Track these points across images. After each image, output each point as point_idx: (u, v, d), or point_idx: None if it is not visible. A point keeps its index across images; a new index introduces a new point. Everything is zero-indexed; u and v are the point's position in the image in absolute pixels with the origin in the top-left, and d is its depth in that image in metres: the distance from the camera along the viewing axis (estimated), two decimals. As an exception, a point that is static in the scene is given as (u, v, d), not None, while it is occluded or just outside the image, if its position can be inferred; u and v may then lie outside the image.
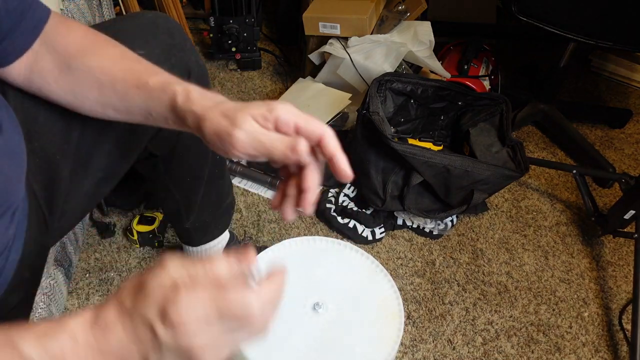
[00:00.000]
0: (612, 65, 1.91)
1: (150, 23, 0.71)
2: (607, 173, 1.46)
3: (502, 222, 1.37)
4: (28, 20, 0.55)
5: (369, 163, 1.25)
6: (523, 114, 1.62)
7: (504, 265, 1.26)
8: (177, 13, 1.64)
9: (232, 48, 1.70)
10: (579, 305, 1.20)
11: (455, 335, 1.11)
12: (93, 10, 1.23)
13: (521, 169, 1.22)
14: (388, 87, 1.33)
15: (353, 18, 1.45)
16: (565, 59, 1.55)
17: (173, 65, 0.69)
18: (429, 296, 1.17)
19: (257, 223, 1.28)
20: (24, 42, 0.56)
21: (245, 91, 1.71)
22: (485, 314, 1.15)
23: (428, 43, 1.50)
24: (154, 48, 0.68)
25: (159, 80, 0.54)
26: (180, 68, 0.71)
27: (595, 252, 1.32)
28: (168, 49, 0.70)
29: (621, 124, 1.73)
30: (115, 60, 0.58)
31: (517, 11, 1.32)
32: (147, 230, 1.15)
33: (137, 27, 0.69)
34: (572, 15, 1.31)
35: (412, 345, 1.08)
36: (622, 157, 1.62)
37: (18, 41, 0.56)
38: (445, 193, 1.23)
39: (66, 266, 1.05)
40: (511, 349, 1.10)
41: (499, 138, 1.31)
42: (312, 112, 1.46)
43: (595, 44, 1.34)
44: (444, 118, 1.43)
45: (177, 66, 0.70)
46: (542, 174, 1.52)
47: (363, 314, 0.75)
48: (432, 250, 1.27)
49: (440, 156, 1.16)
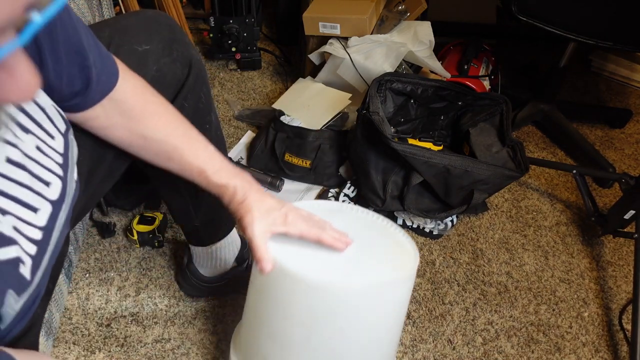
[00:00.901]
0: (612, 65, 1.91)
1: (152, 19, 0.75)
2: (607, 173, 1.46)
3: (502, 222, 1.37)
4: (103, 81, 0.60)
5: (369, 163, 1.25)
6: (523, 114, 1.62)
7: (504, 265, 1.26)
8: (177, 13, 1.64)
9: (232, 48, 1.70)
10: (579, 305, 1.20)
11: (455, 335, 1.11)
12: (93, 10, 1.23)
13: (521, 169, 1.22)
14: (388, 87, 1.33)
15: (353, 18, 1.45)
16: (565, 59, 1.55)
17: (175, 58, 0.74)
18: (429, 296, 1.17)
19: (257, 223, 1.28)
20: (98, 98, 0.61)
21: (245, 91, 1.71)
22: (485, 314, 1.15)
23: (428, 43, 1.50)
24: (158, 43, 0.73)
25: (220, 179, 0.71)
26: (182, 61, 0.75)
27: (595, 252, 1.32)
28: (170, 43, 0.74)
29: (621, 124, 1.73)
30: (177, 134, 0.70)
31: (517, 11, 1.32)
32: (147, 230, 1.15)
33: (140, 24, 0.73)
34: (572, 15, 1.31)
35: (412, 345, 1.08)
36: (622, 157, 1.62)
37: (91, 97, 0.60)
38: (445, 193, 1.23)
39: (66, 266, 1.05)
40: (511, 349, 1.10)
41: (499, 138, 1.31)
42: (312, 112, 1.46)
43: (595, 44, 1.34)
44: (444, 118, 1.43)
45: (178, 59, 0.75)
46: (542, 174, 1.52)
47: (378, 248, 0.76)
48: (432, 250, 1.27)
49: (440, 156, 1.16)
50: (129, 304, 1.08)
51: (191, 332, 1.05)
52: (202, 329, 1.05)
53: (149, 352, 1.01)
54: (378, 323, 0.72)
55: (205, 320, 1.07)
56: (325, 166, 1.36)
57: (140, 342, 1.02)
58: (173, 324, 1.06)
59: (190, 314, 1.08)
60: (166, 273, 1.14)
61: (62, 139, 0.55)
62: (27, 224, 0.49)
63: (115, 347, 1.01)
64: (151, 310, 1.07)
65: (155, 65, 0.72)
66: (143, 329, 1.04)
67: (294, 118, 1.42)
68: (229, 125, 1.56)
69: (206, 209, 0.93)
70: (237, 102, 1.65)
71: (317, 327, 0.69)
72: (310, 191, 1.37)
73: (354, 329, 0.70)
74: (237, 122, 1.57)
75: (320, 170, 1.36)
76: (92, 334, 1.02)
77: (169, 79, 0.74)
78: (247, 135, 1.52)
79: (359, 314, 0.68)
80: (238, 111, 1.60)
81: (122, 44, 0.69)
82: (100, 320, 1.05)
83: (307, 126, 1.39)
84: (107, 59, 0.61)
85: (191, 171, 0.70)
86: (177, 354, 1.01)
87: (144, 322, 1.05)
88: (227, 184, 0.70)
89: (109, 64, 0.61)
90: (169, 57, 0.73)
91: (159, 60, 0.73)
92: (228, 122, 1.57)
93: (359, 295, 0.66)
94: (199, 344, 1.03)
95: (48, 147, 0.52)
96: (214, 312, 1.08)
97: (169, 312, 1.07)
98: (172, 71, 0.74)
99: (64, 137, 0.55)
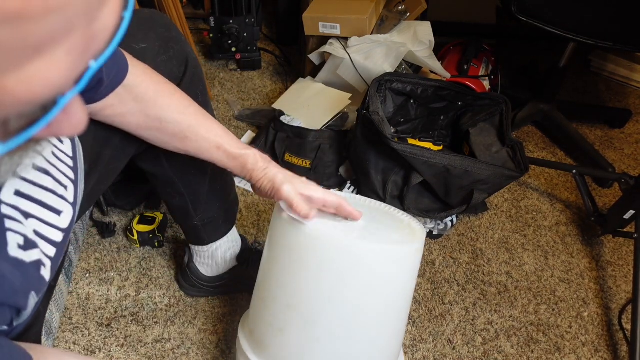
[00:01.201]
0: (612, 65, 1.91)
1: (148, 18, 0.76)
2: (607, 173, 1.46)
3: (502, 222, 1.37)
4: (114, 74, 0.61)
5: (369, 163, 1.25)
6: (523, 114, 1.62)
7: (504, 265, 1.26)
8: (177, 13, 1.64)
9: (232, 48, 1.70)
10: (578, 305, 1.20)
11: (455, 335, 1.11)
12: (93, 10, 1.23)
13: (521, 169, 1.22)
14: (388, 87, 1.33)
15: (353, 18, 1.45)
16: (565, 59, 1.55)
17: (171, 56, 0.75)
18: (429, 296, 1.17)
19: (257, 223, 1.29)
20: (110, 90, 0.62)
21: (245, 91, 1.71)
22: (485, 313, 1.15)
23: (428, 43, 1.50)
24: (154, 41, 0.74)
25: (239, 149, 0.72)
26: (179, 59, 0.76)
27: (595, 252, 1.32)
28: (166, 41, 0.75)
29: (621, 124, 1.73)
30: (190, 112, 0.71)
31: (517, 11, 1.32)
32: (147, 230, 1.15)
33: (137, 23, 0.74)
34: (572, 15, 1.31)
35: (412, 345, 1.08)
36: (622, 157, 1.62)
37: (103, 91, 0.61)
38: (445, 193, 1.23)
39: (66, 266, 1.05)
40: (511, 348, 1.10)
41: (499, 138, 1.31)
42: (312, 112, 1.46)
43: (595, 44, 1.34)
44: (444, 118, 1.43)
45: (175, 57, 0.76)
46: (542, 174, 1.52)
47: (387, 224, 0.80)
48: (432, 250, 1.27)
49: (440, 156, 1.16)
50: (129, 303, 1.08)
51: (191, 332, 1.05)
52: (202, 329, 1.06)
53: (149, 352, 1.01)
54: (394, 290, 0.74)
55: (205, 320, 1.07)
56: (325, 166, 1.36)
57: (141, 342, 1.02)
58: (173, 323, 1.06)
59: (190, 314, 1.08)
60: (166, 273, 1.14)
61: (70, 142, 0.56)
62: (52, 227, 0.51)
63: (116, 347, 1.01)
64: (151, 310, 1.07)
65: (152, 63, 0.72)
66: (143, 329, 1.04)
67: (294, 118, 1.42)
68: (229, 125, 1.56)
69: (206, 208, 0.94)
70: (237, 102, 1.65)
71: (337, 291, 0.71)
72: (310, 191, 1.37)
73: (371, 293, 0.72)
74: (237, 122, 1.57)
75: (320, 170, 1.36)
76: (92, 333, 1.02)
77: (166, 77, 0.75)
78: (247, 135, 1.52)
79: (377, 277, 0.71)
80: (238, 111, 1.60)
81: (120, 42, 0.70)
82: (100, 320, 1.05)
83: (307, 126, 1.39)
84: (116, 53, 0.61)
85: (209, 147, 0.71)
86: (177, 354, 1.01)
87: (144, 322, 1.05)
88: (247, 153, 0.72)
89: (118, 58, 0.62)
90: (165, 55, 0.74)
91: (155, 58, 0.73)
92: (228, 122, 1.57)
93: (377, 256, 0.69)
94: (199, 344, 1.03)
95: (60, 152, 0.54)
96: (214, 312, 1.08)
97: (169, 312, 1.07)
98: (168, 69, 0.75)
99: (71, 141, 0.56)
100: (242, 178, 0.76)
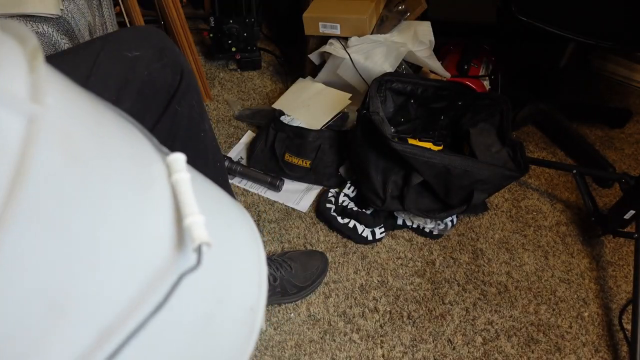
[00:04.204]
0: (612, 65, 1.91)
1: (144, 31, 0.77)
2: (607, 173, 1.46)
3: (502, 222, 1.37)
4: None
5: (369, 163, 1.25)
6: (523, 114, 1.63)
7: (504, 265, 1.26)
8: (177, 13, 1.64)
9: (232, 48, 1.70)
10: (579, 305, 1.20)
11: (455, 335, 1.11)
12: (93, 10, 1.23)
13: (521, 169, 1.22)
14: (388, 87, 1.33)
15: (353, 18, 1.45)
16: (565, 59, 1.55)
17: (165, 64, 0.74)
18: (429, 296, 1.17)
19: (257, 223, 1.28)
20: None
21: (245, 91, 1.71)
22: (485, 314, 1.15)
23: (428, 43, 1.50)
24: (148, 49, 0.73)
25: None
26: (173, 67, 0.76)
27: (595, 252, 1.32)
28: (160, 50, 0.75)
29: (621, 123, 1.73)
30: None
31: (517, 11, 1.32)
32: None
33: (132, 35, 0.75)
34: (572, 15, 1.31)
35: (412, 345, 1.08)
36: (622, 157, 1.62)
37: None
38: (445, 193, 1.23)
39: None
40: (511, 349, 1.10)
41: (499, 138, 1.31)
42: (312, 112, 1.46)
43: (595, 44, 1.34)
44: (444, 118, 1.43)
45: (169, 65, 0.75)
46: (542, 174, 1.52)
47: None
48: (432, 250, 1.27)
49: (440, 156, 1.16)
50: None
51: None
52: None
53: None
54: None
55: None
56: (325, 166, 1.36)
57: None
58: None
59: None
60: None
61: None
62: None
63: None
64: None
65: (146, 70, 0.72)
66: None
67: (294, 118, 1.42)
68: (229, 125, 1.56)
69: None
70: (237, 102, 1.65)
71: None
72: (310, 191, 1.37)
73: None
74: (237, 122, 1.57)
75: (320, 170, 1.36)
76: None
77: (160, 84, 0.75)
78: (247, 135, 1.52)
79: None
80: (238, 111, 1.60)
81: (113, 51, 0.70)
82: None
83: (307, 126, 1.39)
84: None
85: None
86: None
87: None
88: None
89: None
90: (159, 63, 0.74)
91: (149, 65, 0.73)
92: (228, 122, 1.57)
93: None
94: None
95: None
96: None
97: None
98: (162, 76, 0.75)
99: None
100: None
